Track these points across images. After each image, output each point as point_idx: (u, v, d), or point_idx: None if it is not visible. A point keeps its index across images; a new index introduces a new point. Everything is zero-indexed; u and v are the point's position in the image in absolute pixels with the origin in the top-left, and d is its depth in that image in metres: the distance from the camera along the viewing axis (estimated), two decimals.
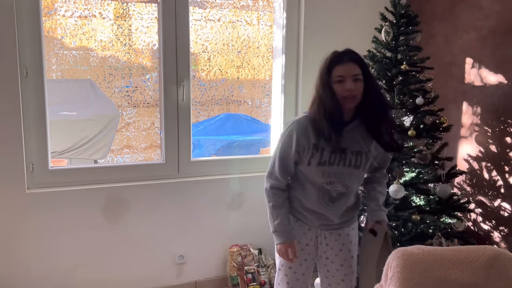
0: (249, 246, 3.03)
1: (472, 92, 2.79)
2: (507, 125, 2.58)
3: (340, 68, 1.75)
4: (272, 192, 1.90)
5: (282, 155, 1.86)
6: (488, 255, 1.56)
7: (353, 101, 1.76)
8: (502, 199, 2.62)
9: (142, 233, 2.81)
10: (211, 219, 2.98)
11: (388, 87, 2.51)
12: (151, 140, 3.72)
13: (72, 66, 3.10)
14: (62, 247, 2.65)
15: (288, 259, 1.88)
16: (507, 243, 2.62)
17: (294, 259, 1.89)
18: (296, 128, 1.84)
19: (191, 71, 2.86)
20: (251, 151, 5.26)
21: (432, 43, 3.04)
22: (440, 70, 2.94)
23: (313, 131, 1.80)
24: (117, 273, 2.79)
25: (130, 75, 3.18)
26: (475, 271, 1.54)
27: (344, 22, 3.14)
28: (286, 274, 1.97)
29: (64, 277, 2.67)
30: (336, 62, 1.76)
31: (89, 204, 2.67)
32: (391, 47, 2.54)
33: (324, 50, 3.09)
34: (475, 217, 2.80)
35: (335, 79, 1.75)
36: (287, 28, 3.06)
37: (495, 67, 2.64)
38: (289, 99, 3.14)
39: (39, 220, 2.57)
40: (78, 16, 2.87)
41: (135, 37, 3.08)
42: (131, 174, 2.79)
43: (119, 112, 3.89)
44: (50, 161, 2.62)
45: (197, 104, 3.48)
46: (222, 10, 3.24)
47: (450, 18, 2.93)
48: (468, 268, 1.55)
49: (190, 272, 2.98)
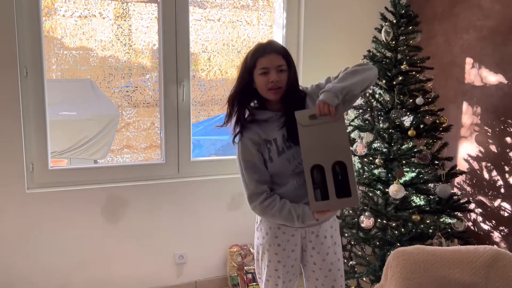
0: (249, 246, 3.03)
1: (472, 92, 2.79)
2: (507, 125, 2.58)
3: (264, 59, 1.69)
4: (266, 203, 1.74)
5: (249, 166, 1.75)
6: (488, 255, 1.56)
7: (278, 92, 1.71)
8: (502, 199, 2.62)
9: (142, 233, 2.81)
10: (211, 219, 2.98)
11: (388, 87, 2.51)
12: (151, 140, 3.71)
13: (72, 66, 3.10)
14: (62, 247, 2.65)
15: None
16: (507, 243, 2.62)
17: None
18: (243, 134, 1.77)
19: (191, 71, 2.86)
20: None
21: (432, 43, 3.04)
22: (440, 70, 2.94)
23: (257, 129, 1.76)
24: (117, 273, 2.79)
25: (130, 75, 3.18)
26: (475, 271, 1.54)
27: (344, 22, 3.14)
28: (277, 284, 1.90)
29: (64, 277, 2.67)
30: (260, 54, 1.70)
31: (89, 204, 2.67)
32: (391, 47, 2.54)
33: (324, 50, 3.12)
34: (475, 217, 2.80)
35: (259, 71, 1.69)
36: (287, 28, 3.06)
37: (495, 67, 2.64)
38: None
39: (39, 220, 2.57)
40: (78, 16, 2.86)
41: (135, 37, 3.08)
42: (131, 174, 2.79)
43: (119, 112, 3.88)
44: (50, 161, 2.62)
45: (197, 104, 3.48)
46: (222, 10, 3.24)
47: (450, 18, 2.92)
48: (468, 268, 1.55)
49: (190, 272, 2.98)
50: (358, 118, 2.58)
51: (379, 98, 2.54)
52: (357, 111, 2.60)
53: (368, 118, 2.56)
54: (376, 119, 2.52)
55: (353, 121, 2.60)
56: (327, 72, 3.13)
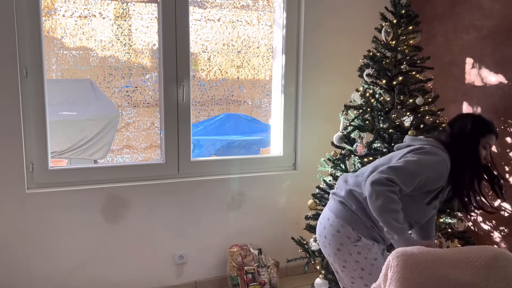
0: (249, 246, 3.03)
1: (472, 92, 2.79)
2: (507, 125, 2.58)
3: (493, 137, 1.95)
4: (395, 197, 1.76)
5: (416, 172, 1.80)
6: (488, 255, 1.56)
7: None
8: (502, 199, 2.62)
9: (142, 233, 2.81)
10: (211, 219, 2.98)
11: (388, 87, 2.51)
12: (151, 140, 3.72)
13: (72, 66, 3.10)
14: (62, 247, 2.65)
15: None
16: (507, 243, 2.62)
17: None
18: (445, 165, 1.88)
19: (191, 71, 2.86)
20: (251, 151, 5.26)
21: (432, 43, 3.04)
22: (440, 70, 2.94)
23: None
24: (117, 273, 2.79)
25: (130, 75, 3.18)
26: (475, 271, 1.54)
27: (344, 22, 3.14)
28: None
29: (64, 277, 2.67)
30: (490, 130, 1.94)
31: (89, 204, 2.67)
32: (391, 47, 2.54)
33: (324, 50, 3.12)
34: (475, 217, 2.80)
35: (485, 145, 1.92)
36: (287, 28, 3.06)
37: (495, 67, 2.64)
38: (289, 99, 3.14)
39: (39, 220, 2.57)
40: (78, 16, 2.87)
41: (135, 37, 3.08)
42: (131, 174, 2.79)
43: (119, 112, 3.89)
44: (50, 161, 2.62)
45: (197, 104, 3.48)
46: (222, 10, 3.24)
47: (450, 18, 2.93)
48: (468, 268, 1.55)
49: (190, 272, 2.98)
50: (358, 118, 2.58)
51: (379, 98, 2.54)
52: (357, 111, 2.60)
53: (368, 118, 2.56)
54: (376, 119, 2.52)
55: (353, 121, 2.60)
56: (327, 72, 3.14)
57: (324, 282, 2.56)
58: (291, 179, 3.17)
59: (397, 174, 1.78)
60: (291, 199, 3.17)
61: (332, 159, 2.69)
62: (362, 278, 1.92)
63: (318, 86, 3.14)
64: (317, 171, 2.84)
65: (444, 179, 1.88)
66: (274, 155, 3.24)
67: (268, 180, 3.10)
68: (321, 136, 3.06)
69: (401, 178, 1.77)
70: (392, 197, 1.74)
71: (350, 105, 2.64)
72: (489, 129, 1.93)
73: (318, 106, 3.15)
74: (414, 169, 1.81)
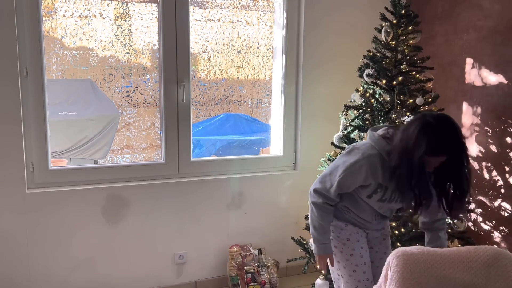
0: (249, 246, 3.03)
1: (472, 92, 2.79)
2: (507, 125, 2.58)
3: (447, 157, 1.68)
4: (324, 206, 1.90)
5: (342, 184, 1.84)
6: (488, 255, 1.56)
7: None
8: (502, 199, 2.62)
9: (142, 233, 2.81)
10: (211, 219, 2.98)
11: (388, 87, 2.51)
12: (151, 140, 3.72)
13: (72, 66, 3.10)
14: (62, 247, 2.65)
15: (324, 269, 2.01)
16: (507, 243, 2.62)
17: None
18: (366, 165, 1.80)
19: (191, 71, 2.86)
20: (251, 151, 5.26)
21: (432, 43, 3.04)
22: (440, 70, 2.94)
23: (383, 172, 1.81)
24: (117, 273, 2.79)
25: (130, 75, 3.18)
26: (475, 271, 1.54)
27: (344, 22, 3.14)
28: (359, 280, 1.97)
29: (64, 277, 2.68)
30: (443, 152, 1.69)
31: (89, 204, 2.67)
32: (391, 47, 2.54)
33: (324, 50, 3.12)
34: (475, 217, 2.80)
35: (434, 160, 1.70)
36: (287, 28, 3.06)
37: (495, 67, 2.64)
38: (289, 99, 3.14)
39: (39, 220, 2.57)
40: (78, 16, 2.87)
41: (135, 37, 3.08)
42: (131, 174, 2.79)
43: (119, 112, 3.89)
44: (50, 161, 2.62)
45: (197, 104, 3.48)
46: (222, 10, 3.24)
47: (450, 18, 2.93)
48: (468, 268, 1.55)
49: (190, 272, 2.98)
50: (358, 118, 2.58)
51: (379, 98, 2.54)
52: (357, 111, 2.60)
53: (368, 118, 2.56)
54: (376, 119, 2.52)
55: (353, 121, 2.60)
56: (327, 72, 3.14)
57: (324, 282, 2.56)
58: (291, 179, 3.17)
59: (321, 181, 1.91)
60: (291, 199, 3.17)
61: (332, 159, 2.69)
62: (339, 262, 2.00)
63: (318, 86, 3.14)
64: (317, 171, 2.84)
65: (376, 177, 1.81)
66: (274, 155, 3.24)
67: (268, 180, 3.11)
68: (321, 136, 3.06)
69: (322, 184, 1.89)
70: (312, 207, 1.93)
71: (350, 105, 2.64)
72: (442, 151, 1.66)
73: (318, 106, 3.15)
74: (330, 170, 1.90)
